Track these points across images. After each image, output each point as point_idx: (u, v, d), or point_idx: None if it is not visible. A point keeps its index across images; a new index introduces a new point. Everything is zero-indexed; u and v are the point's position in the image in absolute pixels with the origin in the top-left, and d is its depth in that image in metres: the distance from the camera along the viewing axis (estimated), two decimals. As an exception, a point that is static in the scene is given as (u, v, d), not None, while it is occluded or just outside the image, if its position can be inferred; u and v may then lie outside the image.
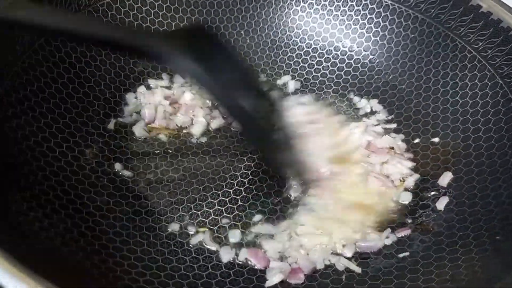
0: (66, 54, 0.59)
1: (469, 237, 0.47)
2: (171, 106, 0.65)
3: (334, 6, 0.73)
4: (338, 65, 0.73)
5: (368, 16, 0.72)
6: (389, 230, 0.52)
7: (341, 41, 0.74)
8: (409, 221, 0.53)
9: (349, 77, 0.72)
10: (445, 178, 0.56)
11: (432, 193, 0.56)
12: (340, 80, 0.72)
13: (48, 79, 0.56)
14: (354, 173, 0.57)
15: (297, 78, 0.73)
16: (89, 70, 0.62)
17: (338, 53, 0.74)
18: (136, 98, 0.65)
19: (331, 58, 0.74)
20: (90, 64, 0.62)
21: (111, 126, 0.61)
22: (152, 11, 0.70)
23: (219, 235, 0.52)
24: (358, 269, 0.48)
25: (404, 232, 0.52)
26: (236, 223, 0.53)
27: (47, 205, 0.46)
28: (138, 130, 0.62)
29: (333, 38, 0.74)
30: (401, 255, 0.49)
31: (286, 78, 0.73)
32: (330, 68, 0.74)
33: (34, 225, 0.43)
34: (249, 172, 0.59)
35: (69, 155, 0.54)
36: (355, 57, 0.73)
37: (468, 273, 0.42)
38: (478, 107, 0.58)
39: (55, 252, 0.42)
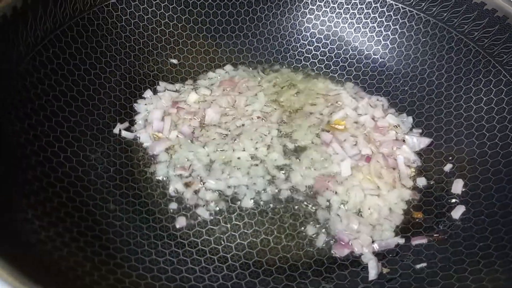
0: (70, 56, 0.57)
1: (490, 248, 0.45)
2: (177, 111, 0.63)
3: (343, 8, 0.72)
4: (347, 69, 0.72)
5: (378, 19, 0.70)
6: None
7: (350, 45, 0.73)
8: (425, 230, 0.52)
9: (358, 81, 0.71)
10: (458, 186, 0.55)
11: (447, 201, 0.55)
12: (351, 83, 0.71)
13: (52, 81, 0.54)
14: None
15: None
16: (94, 72, 0.60)
17: (347, 56, 0.73)
18: (146, 104, 0.64)
19: (340, 62, 0.73)
20: (95, 66, 0.61)
21: (116, 130, 0.59)
22: (158, 12, 0.68)
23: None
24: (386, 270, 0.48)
25: (419, 241, 0.51)
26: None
27: (52, 213, 0.44)
28: (144, 136, 0.60)
29: (342, 42, 0.73)
30: (418, 266, 0.48)
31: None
32: (339, 72, 0.72)
33: (40, 234, 0.41)
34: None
35: (74, 160, 0.52)
36: (364, 61, 0.72)
37: (493, 287, 0.41)
38: (493, 113, 0.57)
39: (61, 262, 0.40)
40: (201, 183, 0.56)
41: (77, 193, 0.49)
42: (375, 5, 0.70)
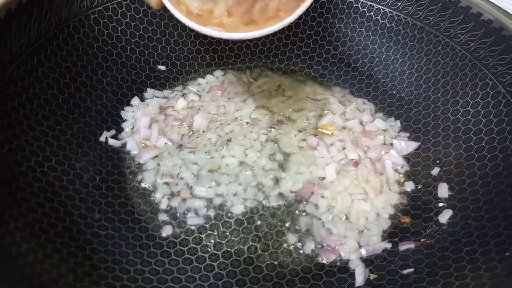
0: (56, 64, 0.57)
1: (477, 253, 0.45)
2: (165, 118, 0.63)
3: (331, 14, 0.72)
4: (336, 73, 0.72)
5: (366, 23, 0.70)
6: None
7: (338, 49, 0.73)
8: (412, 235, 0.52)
9: (346, 85, 0.71)
10: (443, 190, 0.55)
11: (435, 205, 0.54)
12: (339, 87, 0.71)
13: (37, 89, 0.54)
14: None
15: (294, 87, 0.71)
16: (80, 80, 0.60)
17: (335, 61, 0.73)
18: (133, 111, 0.63)
19: (328, 67, 0.73)
20: (81, 73, 0.60)
21: (102, 138, 0.59)
22: (145, 19, 0.68)
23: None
24: (373, 276, 0.48)
25: (407, 246, 0.50)
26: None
27: (35, 224, 0.44)
28: (131, 144, 0.60)
29: (330, 46, 0.73)
30: (405, 271, 0.47)
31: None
32: (328, 76, 0.72)
33: (22, 246, 0.40)
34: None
35: (59, 169, 0.51)
36: (352, 65, 0.72)
37: (479, 292, 0.40)
38: (480, 117, 0.57)
39: (42, 274, 0.39)
40: (189, 190, 0.55)
41: (61, 203, 0.48)
42: (362, 10, 0.70)
